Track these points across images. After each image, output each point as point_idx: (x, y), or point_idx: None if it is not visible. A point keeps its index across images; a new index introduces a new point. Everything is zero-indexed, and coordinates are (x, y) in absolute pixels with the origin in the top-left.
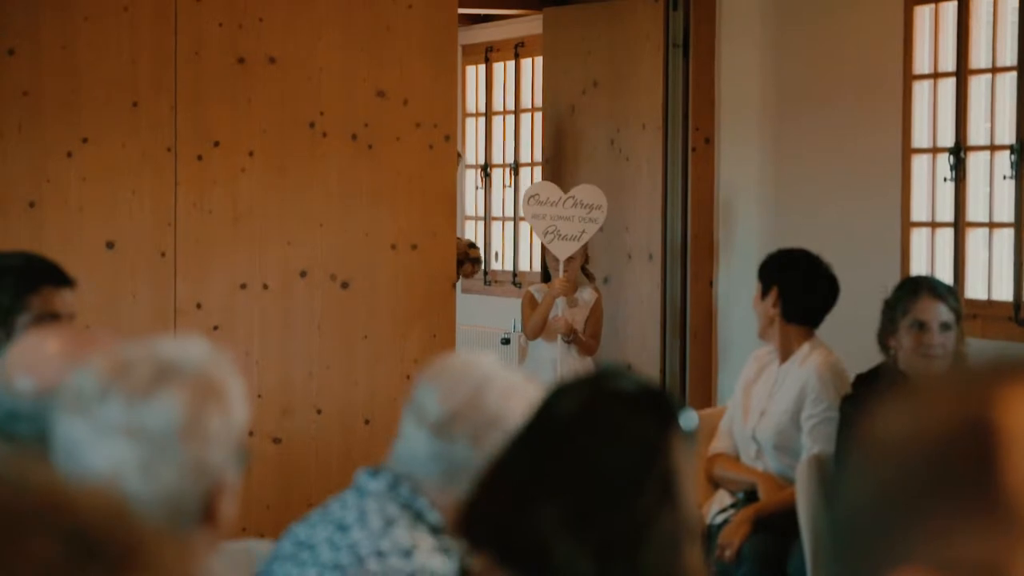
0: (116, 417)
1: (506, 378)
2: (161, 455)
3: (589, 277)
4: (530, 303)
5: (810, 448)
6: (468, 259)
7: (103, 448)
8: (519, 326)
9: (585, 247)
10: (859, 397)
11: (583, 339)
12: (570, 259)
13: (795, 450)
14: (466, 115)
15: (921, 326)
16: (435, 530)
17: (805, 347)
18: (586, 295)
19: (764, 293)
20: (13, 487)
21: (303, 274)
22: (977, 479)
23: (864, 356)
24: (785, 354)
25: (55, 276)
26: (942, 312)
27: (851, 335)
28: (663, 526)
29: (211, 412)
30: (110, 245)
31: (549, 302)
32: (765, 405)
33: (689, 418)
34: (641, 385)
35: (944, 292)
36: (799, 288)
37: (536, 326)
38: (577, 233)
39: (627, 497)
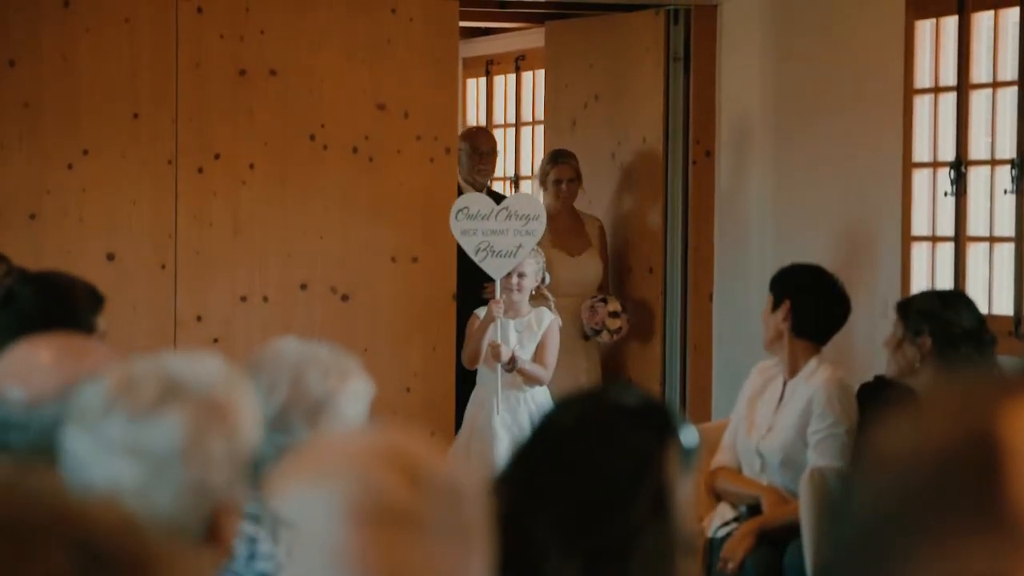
0: (118, 434)
1: (319, 358)
2: (161, 476)
3: (544, 299)
4: (473, 327)
5: (814, 462)
6: (606, 328)
7: (104, 464)
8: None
9: (543, 266)
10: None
11: (526, 369)
12: (521, 276)
13: (802, 465)
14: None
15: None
16: None
17: (812, 362)
18: (541, 319)
19: (775, 306)
20: (23, 499)
21: (303, 286)
22: (981, 494)
23: (864, 370)
24: (792, 369)
25: (96, 303)
26: (894, 323)
27: (851, 349)
28: (653, 539)
29: (214, 434)
30: (110, 257)
31: (483, 327)
32: (772, 420)
33: (690, 434)
34: (643, 399)
35: (904, 306)
36: (811, 304)
37: (470, 353)
38: (513, 248)
39: (618, 509)
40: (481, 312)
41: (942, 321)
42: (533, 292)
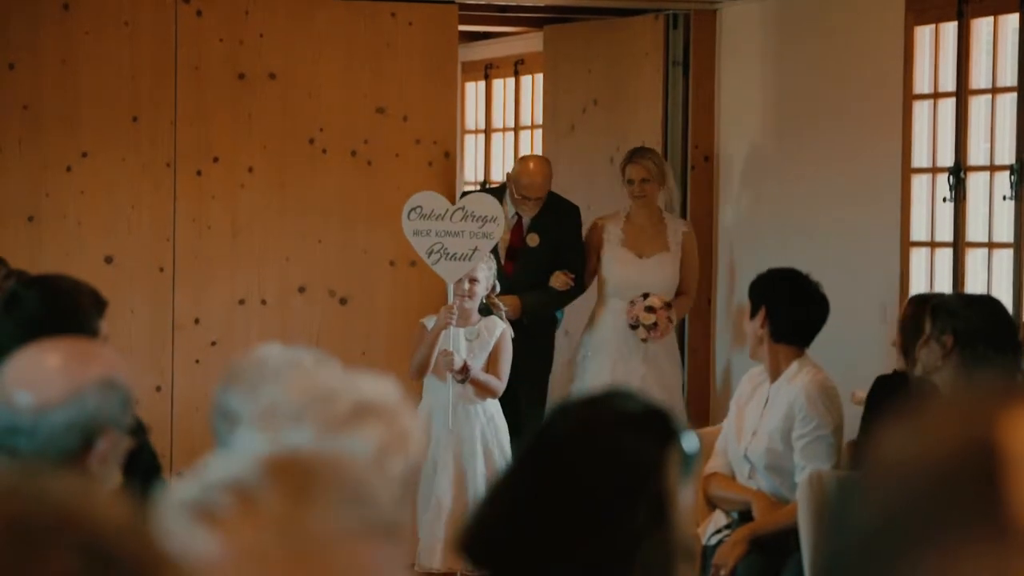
0: (304, 443)
1: (303, 363)
2: None
3: (495, 307)
4: (420, 336)
5: (803, 468)
6: (641, 324)
7: None
8: None
9: (494, 272)
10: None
11: (479, 379)
12: (473, 282)
13: (787, 469)
14: (465, 132)
15: None
16: None
17: (794, 366)
18: (492, 328)
19: (753, 312)
20: (31, 502)
21: (301, 290)
22: (983, 502)
23: (862, 374)
24: (775, 373)
25: (99, 306)
26: (925, 321)
27: (850, 353)
28: (654, 547)
29: (395, 456)
30: (109, 259)
31: (434, 335)
32: (757, 425)
33: (691, 440)
34: (643, 406)
35: (937, 305)
36: (786, 308)
37: (419, 363)
38: (468, 252)
39: (618, 516)
40: (429, 321)
41: (963, 319)
42: (484, 300)
